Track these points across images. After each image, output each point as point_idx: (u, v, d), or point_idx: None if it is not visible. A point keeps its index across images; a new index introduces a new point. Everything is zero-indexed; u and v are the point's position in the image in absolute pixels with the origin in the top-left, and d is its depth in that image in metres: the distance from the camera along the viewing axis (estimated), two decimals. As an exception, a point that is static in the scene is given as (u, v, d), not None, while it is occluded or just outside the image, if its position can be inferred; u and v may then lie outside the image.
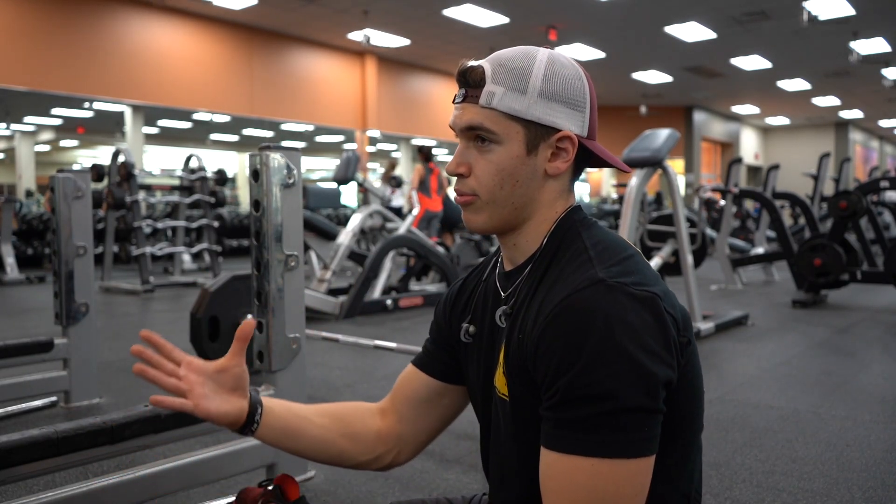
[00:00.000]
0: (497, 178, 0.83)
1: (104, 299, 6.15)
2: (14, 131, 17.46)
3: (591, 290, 0.74)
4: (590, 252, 0.80)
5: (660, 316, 0.73)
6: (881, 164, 24.97)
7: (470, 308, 0.96)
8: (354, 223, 5.87)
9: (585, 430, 0.71)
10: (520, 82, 0.82)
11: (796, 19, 10.30)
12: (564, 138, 0.83)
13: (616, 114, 18.31)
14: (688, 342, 0.78)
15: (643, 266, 0.80)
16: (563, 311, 0.74)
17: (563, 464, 0.72)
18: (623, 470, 0.70)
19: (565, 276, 0.78)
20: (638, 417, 0.70)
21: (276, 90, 12.27)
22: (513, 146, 0.83)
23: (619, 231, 3.98)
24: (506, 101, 0.82)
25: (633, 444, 0.70)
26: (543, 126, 0.83)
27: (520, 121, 0.82)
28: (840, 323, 4.74)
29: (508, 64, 0.83)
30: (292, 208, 1.86)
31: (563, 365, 0.72)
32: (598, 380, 0.70)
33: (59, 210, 2.71)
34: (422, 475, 2.07)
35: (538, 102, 0.82)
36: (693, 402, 0.81)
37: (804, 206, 6.70)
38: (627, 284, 0.74)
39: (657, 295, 0.75)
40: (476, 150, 0.84)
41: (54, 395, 2.80)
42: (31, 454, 1.39)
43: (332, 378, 3.28)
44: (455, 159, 0.86)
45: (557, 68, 0.83)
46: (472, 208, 0.86)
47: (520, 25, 11.25)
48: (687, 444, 0.82)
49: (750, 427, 2.52)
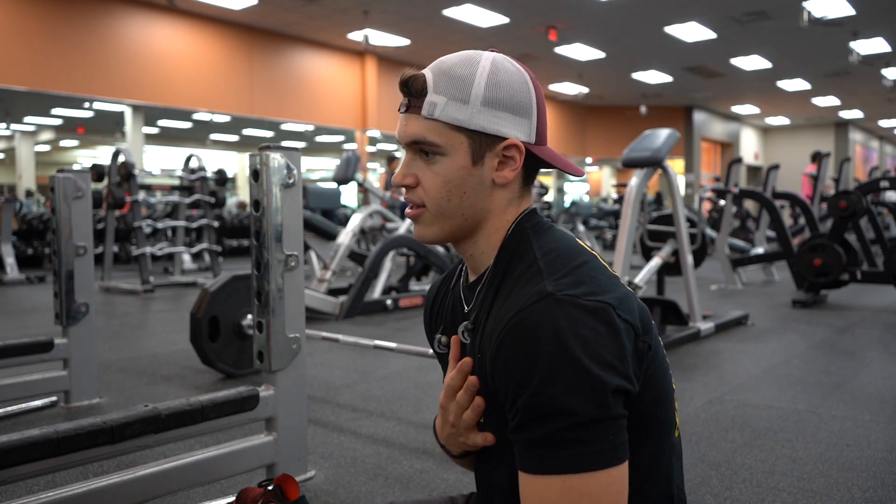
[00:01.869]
0: (444, 189, 0.82)
1: (104, 299, 6.15)
2: (14, 131, 17.45)
3: (540, 305, 0.72)
4: (539, 263, 0.78)
5: (612, 325, 0.72)
6: (881, 164, 24.96)
7: (442, 317, 0.95)
8: (354, 223, 5.87)
9: (550, 448, 0.70)
10: (462, 91, 0.80)
11: (796, 19, 10.30)
12: (511, 146, 0.82)
13: (616, 114, 18.32)
14: (648, 347, 0.76)
15: (596, 272, 0.78)
16: (513, 328, 0.73)
17: (535, 485, 0.71)
18: (594, 482, 0.70)
19: (516, 291, 0.77)
20: (600, 428, 0.69)
21: (276, 90, 12.27)
22: (458, 157, 0.81)
23: (619, 231, 3.98)
24: (448, 111, 0.80)
25: (600, 455, 0.70)
26: (488, 135, 0.81)
27: (463, 131, 0.80)
28: (840, 323, 4.74)
29: (450, 72, 0.81)
30: (292, 208, 1.86)
31: (519, 385, 0.71)
32: (554, 396, 0.69)
33: (59, 210, 2.71)
34: (422, 475, 2.07)
35: (481, 111, 0.80)
36: (659, 403, 0.80)
37: (804, 206, 6.70)
38: (577, 296, 0.73)
39: (609, 304, 0.73)
40: (422, 161, 0.83)
41: (54, 395, 2.80)
42: (31, 454, 1.39)
43: (332, 378, 3.28)
44: (401, 170, 0.85)
45: (501, 75, 0.82)
46: (421, 221, 0.85)
47: (520, 25, 11.25)
48: (659, 445, 0.81)
49: (750, 427, 2.52)
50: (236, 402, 1.77)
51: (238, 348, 3.25)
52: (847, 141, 21.57)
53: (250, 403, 1.81)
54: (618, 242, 3.97)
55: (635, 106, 17.57)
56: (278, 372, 1.88)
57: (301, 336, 1.92)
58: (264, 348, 1.86)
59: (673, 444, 0.84)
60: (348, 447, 2.32)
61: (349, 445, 2.34)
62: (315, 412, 2.69)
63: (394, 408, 2.77)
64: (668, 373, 0.82)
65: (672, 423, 0.83)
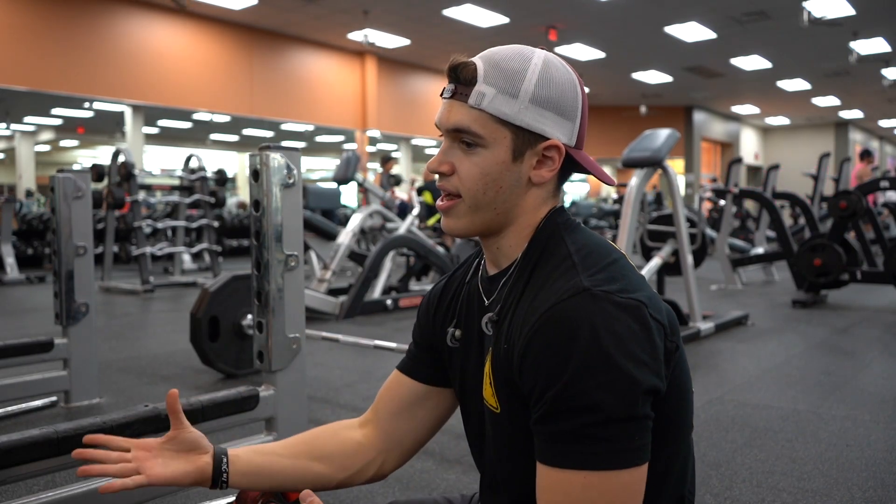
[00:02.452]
0: (481, 182, 0.81)
1: (104, 299, 6.15)
2: (14, 131, 17.46)
3: (577, 300, 0.72)
4: (574, 258, 0.78)
5: (645, 324, 0.72)
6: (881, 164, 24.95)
7: (454, 311, 0.94)
8: (354, 223, 5.87)
9: (575, 443, 0.70)
10: (512, 85, 0.79)
11: (796, 19, 10.30)
12: (552, 147, 0.81)
13: (616, 114, 18.31)
14: (676, 347, 0.77)
15: (628, 270, 0.78)
16: (548, 321, 0.73)
17: (555, 478, 0.71)
18: (615, 481, 0.70)
19: (550, 284, 0.77)
20: (627, 427, 0.69)
21: (276, 90, 12.27)
22: (499, 151, 0.80)
23: (619, 231, 3.98)
24: (496, 103, 0.79)
25: (624, 455, 0.69)
26: (531, 133, 0.80)
27: (508, 125, 0.80)
28: (840, 323, 4.74)
29: (502, 64, 0.80)
30: (292, 208, 1.86)
31: (550, 377, 0.71)
32: (585, 391, 0.69)
33: (59, 210, 2.71)
34: (422, 475, 2.07)
35: (529, 108, 0.79)
36: (682, 404, 0.80)
37: (804, 206, 6.70)
38: (612, 293, 0.73)
39: (642, 302, 0.74)
40: (460, 151, 0.82)
41: (54, 395, 2.79)
42: (31, 454, 1.39)
43: (332, 378, 3.28)
44: (438, 156, 0.83)
45: (552, 73, 0.81)
46: (453, 213, 0.84)
47: (520, 25, 11.25)
48: (676, 447, 0.81)
49: (750, 427, 2.52)
50: (236, 402, 1.77)
51: (238, 348, 3.25)
52: (847, 141, 21.57)
53: (250, 403, 1.81)
54: (618, 242, 3.97)
55: (635, 106, 17.57)
56: (278, 372, 1.88)
57: (301, 336, 1.92)
58: (264, 348, 1.86)
59: (689, 445, 0.84)
60: (348, 447, 2.32)
61: (349, 445, 2.33)
62: (315, 412, 2.69)
63: (394, 408, 2.77)
64: (689, 374, 0.82)
65: (690, 426, 0.83)
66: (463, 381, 0.92)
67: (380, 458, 0.98)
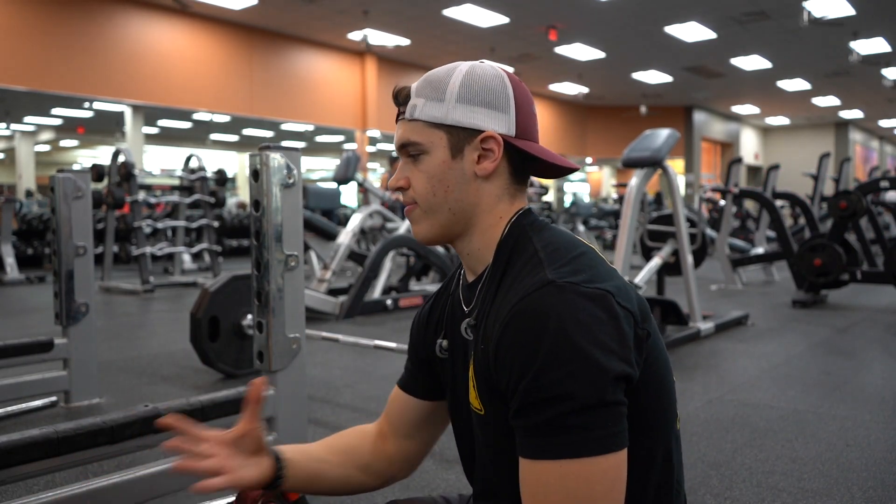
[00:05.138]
0: (429, 185, 0.86)
1: (104, 299, 6.15)
2: (14, 131, 17.46)
3: (542, 292, 0.74)
4: (540, 255, 0.80)
5: (612, 312, 0.74)
6: (881, 164, 24.97)
7: (442, 324, 0.97)
8: (354, 223, 5.87)
9: (549, 433, 0.71)
10: (438, 91, 0.85)
11: (796, 19, 10.30)
12: (488, 138, 0.85)
13: (616, 114, 18.32)
14: (647, 335, 0.78)
15: (596, 262, 0.81)
16: (515, 315, 0.75)
17: (533, 469, 0.73)
18: (592, 468, 0.70)
19: (518, 281, 0.79)
20: (599, 414, 0.70)
21: (276, 90, 12.27)
22: (438, 152, 0.85)
23: (619, 231, 3.98)
24: (426, 110, 0.85)
25: (598, 441, 0.70)
26: (465, 129, 0.85)
27: (441, 127, 0.85)
28: (840, 323, 4.74)
29: (430, 77, 0.87)
30: (292, 208, 1.86)
31: (521, 369, 0.73)
32: (554, 381, 0.70)
33: (59, 210, 2.71)
34: (422, 475, 2.07)
35: (456, 107, 0.85)
36: (660, 393, 0.81)
37: (804, 206, 6.70)
38: (577, 283, 0.74)
39: (608, 291, 0.75)
40: (411, 164, 0.88)
41: (54, 395, 2.79)
42: (31, 454, 1.39)
43: (332, 378, 3.28)
44: (395, 175, 0.90)
45: (475, 75, 0.86)
46: (413, 218, 0.89)
47: (520, 25, 11.25)
48: (659, 435, 0.81)
49: (750, 427, 2.52)
50: (236, 402, 1.77)
51: (238, 348, 3.25)
52: (847, 141, 21.58)
53: (250, 403, 1.81)
54: (618, 242, 3.97)
55: (635, 106, 17.57)
56: (278, 372, 1.88)
57: (301, 336, 1.92)
58: (264, 348, 1.86)
59: (674, 434, 0.85)
60: (348, 447, 2.32)
61: (349, 445, 2.33)
62: (315, 412, 2.69)
63: (394, 408, 2.77)
64: (667, 363, 0.83)
65: (673, 414, 0.84)
66: (454, 391, 0.94)
67: (397, 468, 1.06)
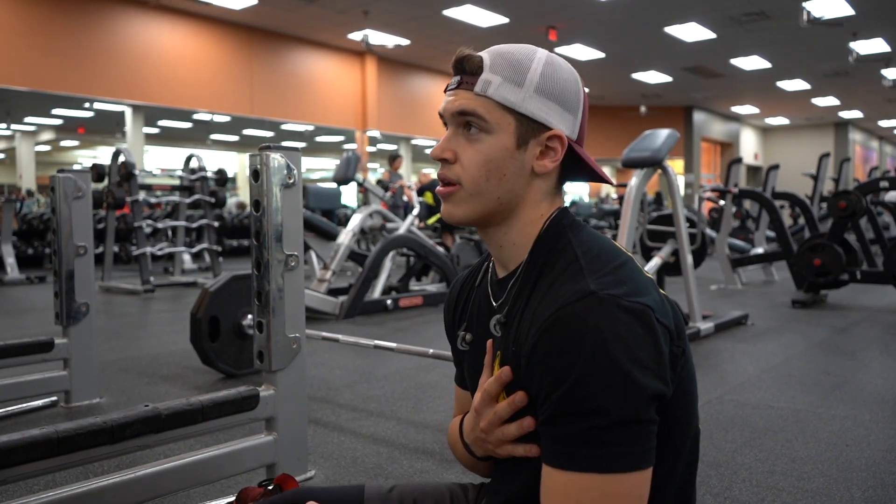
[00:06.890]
0: (484, 168, 0.81)
1: (104, 299, 6.15)
2: (14, 131, 17.46)
3: (583, 303, 0.72)
4: (581, 261, 0.78)
5: (651, 328, 0.72)
6: (881, 164, 24.97)
7: (465, 315, 0.95)
8: (354, 223, 5.87)
9: (580, 446, 0.70)
10: (517, 75, 0.81)
11: (796, 19, 10.30)
12: (555, 137, 0.82)
13: (616, 114, 18.31)
14: (682, 352, 0.77)
15: (636, 274, 0.79)
16: (554, 324, 0.73)
17: (560, 480, 0.72)
18: (620, 485, 0.70)
19: (557, 287, 0.77)
20: (631, 431, 0.70)
21: (276, 90, 12.27)
22: (503, 137, 0.81)
23: (619, 231, 3.98)
24: (502, 91, 0.80)
25: (628, 458, 0.70)
26: (536, 122, 0.82)
27: (513, 113, 0.81)
28: (840, 323, 4.74)
29: (507, 55, 0.82)
30: (292, 208, 1.86)
31: (555, 380, 0.71)
32: (590, 395, 0.69)
33: (59, 210, 2.71)
34: (422, 475, 2.07)
35: (533, 97, 0.81)
36: (687, 408, 0.80)
37: (804, 206, 6.70)
38: (619, 296, 0.73)
39: (649, 307, 0.73)
40: (464, 138, 0.82)
41: (54, 395, 2.80)
42: (31, 454, 1.39)
43: (332, 378, 3.28)
44: (441, 144, 0.83)
45: (556, 68, 0.83)
46: (453, 199, 0.84)
47: (520, 25, 11.25)
48: (681, 449, 0.81)
49: (750, 427, 2.52)
50: (236, 402, 1.77)
51: (238, 348, 3.25)
52: (847, 141, 21.58)
53: (250, 403, 1.81)
54: (618, 242, 3.97)
55: (635, 106, 17.57)
56: (278, 372, 1.88)
57: (301, 336, 1.92)
58: (264, 348, 1.86)
59: (694, 448, 0.84)
60: (348, 447, 2.32)
61: (349, 445, 2.34)
62: (315, 412, 2.69)
63: (394, 408, 2.77)
64: (695, 378, 0.82)
65: (696, 429, 0.83)
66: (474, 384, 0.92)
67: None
